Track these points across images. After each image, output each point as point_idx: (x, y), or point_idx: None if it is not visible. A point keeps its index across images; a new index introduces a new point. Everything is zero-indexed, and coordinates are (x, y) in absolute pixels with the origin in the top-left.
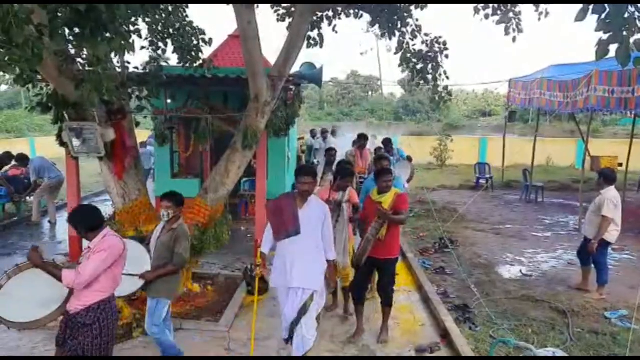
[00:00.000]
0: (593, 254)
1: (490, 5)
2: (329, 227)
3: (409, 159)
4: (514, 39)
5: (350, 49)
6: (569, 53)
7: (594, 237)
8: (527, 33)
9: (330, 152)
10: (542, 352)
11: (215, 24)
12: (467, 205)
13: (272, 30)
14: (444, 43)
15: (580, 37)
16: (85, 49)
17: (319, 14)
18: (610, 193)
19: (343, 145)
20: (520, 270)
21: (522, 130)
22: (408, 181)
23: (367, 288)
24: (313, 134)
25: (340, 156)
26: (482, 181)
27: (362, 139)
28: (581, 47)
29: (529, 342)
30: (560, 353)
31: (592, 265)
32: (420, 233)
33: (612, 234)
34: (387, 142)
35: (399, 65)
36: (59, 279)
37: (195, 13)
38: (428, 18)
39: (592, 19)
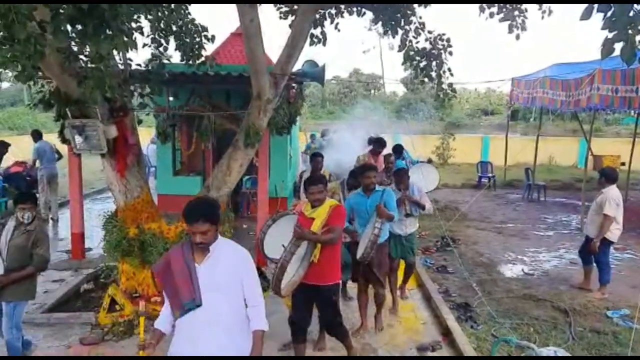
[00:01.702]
0: (595, 253)
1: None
2: (251, 283)
3: (430, 161)
4: (518, 37)
5: (353, 47)
6: (569, 53)
7: (595, 236)
8: (527, 33)
9: (316, 159)
10: (543, 351)
11: (218, 22)
12: (469, 204)
13: (274, 28)
14: (448, 40)
15: (581, 37)
16: (87, 46)
17: (322, 12)
18: (612, 192)
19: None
20: (522, 269)
21: (524, 129)
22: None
23: (309, 322)
24: (323, 133)
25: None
26: (484, 180)
27: (377, 144)
28: (581, 47)
29: (531, 341)
30: (561, 352)
31: (594, 265)
32: (422, 232)
33: (614, 232)
34: (399, 149)
35: (403, 64)
36: None
37: (197, 11)
38: (428, 18)
39: (594, 18)
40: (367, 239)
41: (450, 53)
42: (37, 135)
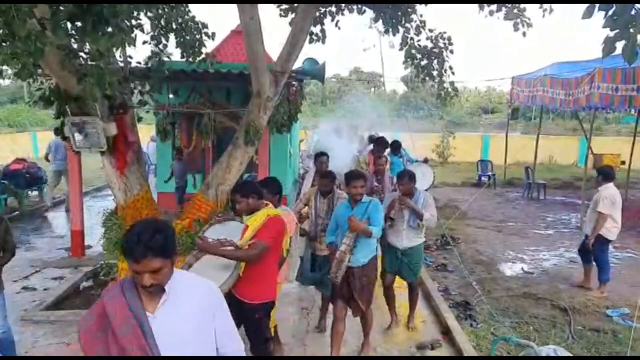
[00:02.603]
0: (594, 252)
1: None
2: (227, 329)
3: (426, 160)
4: (524, 34)
5: (353, 45)
6: (569, 53)
7: (590, 234)
8: (528, 34)
9: (321, 159)
10: (543, 350)
11: (218, 19)
12: (469, 203)
13: (275, 26)
14: (449, 39)
15: (581, 37)
16: (87, 44)
17: (322, 10)
18: (608, 190)
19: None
20: (522, 268)
21: (524, 128)
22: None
23: None
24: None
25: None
26: (485, 179)
27: (379, 145)
28: (581, 47)
29: (531, 339)
30: (561, 351)
31: (594, 263)
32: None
33: (612, 231)
34: (397, 146)
35: (404, 62)
36: None
37: (198, 8)
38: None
39: (596, 17)
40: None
41: (452, 52)
42: (57, 132)
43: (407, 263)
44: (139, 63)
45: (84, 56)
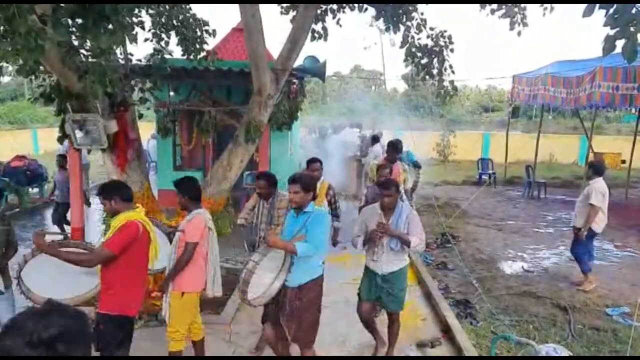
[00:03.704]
0: (581, 243)
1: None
2: None
3: (416, 165)
4: (519, 33)
5: (354, 43)
6: (569, 53)
7: (582, 226)
8: (528, 32)
9: (312, 166)
10: (543, 348)
11: (219, 16)
12: (469, 201)
13: (275, 24)
14: (449, 37)
15: (581, 36)
16: (88, 40)
17: (323, 7)
18: (598, 184)
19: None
20: (522, 266)
21: (525, 127)
22: (412, 191)
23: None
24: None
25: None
26: (485, 177)
27: (392, 149)
28: (581, 46)
29: (530, 338)
30: (561, 349)
31: (594, 261)
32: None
33: (600, 224)
34: (397, 146)
35: (404, 60)
36: None
37: (198, 5)
38: (429, 15)
39: (596, 15)
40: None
41: (452, 50)
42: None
43: (388, 290)
44: (140, 60)
45: (85, 53)
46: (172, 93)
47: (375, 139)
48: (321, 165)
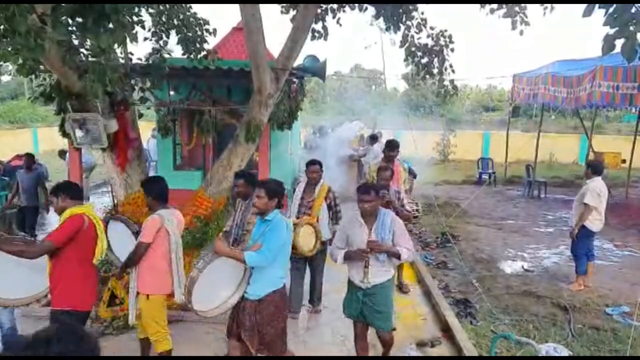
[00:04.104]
0: (574, 243)
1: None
2: None
3: (411, 172)
4: (521, 33)
5: (354, 43)
6: (569, 53)
7: (574, 224)
8: (527, 33)
9: (312, 168)
10: (543, 348)
11: (219, 15)
12: (469, 201)
13: (275, 25)
14: (450, 37)
15: (581, 35)
16: (88, 40)
17: (323, 7)
18: (595, 183)
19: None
20: (522, 266)
21: (525, 126)
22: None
23: None
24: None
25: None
26: (485, 176)
27: (390, 148)
28: (581, 46)
29: (530, 337)
30: (561, 348)
31: (595, 261)
32: (422, 228)
33: (595, 223)
34: (390, 144)
35: (405, 60)
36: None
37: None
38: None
39: (595, 15)
40: None
41: (452, 50)
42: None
43: (371, 306)
44: (140, 59)
45: (85, 52)
46: (172, 92)
47: (374, 139)
48: (321, 168)
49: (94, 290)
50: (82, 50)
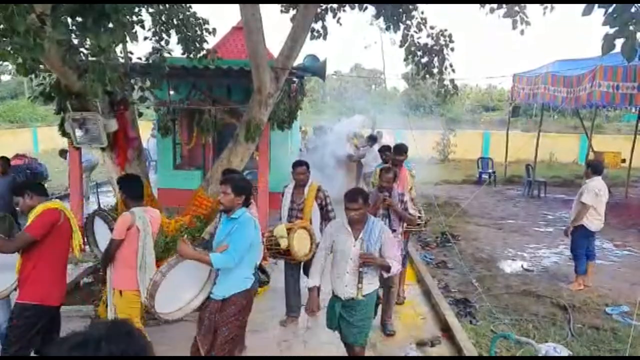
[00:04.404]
0: (573, 241)
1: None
2: None
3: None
4: (522, 32)
5: (354, 42)
6: (569, 52)
7: (570, 222)
8: (527, 33)
9: (297, 169)
10: (542, 347)
11: (219, 15)
12: (469, 200)
13: (275, 25)
14: (449, 36)
15: (581, 34)
16: (88, 39)
17: (323, 6)
18: (594, 183)
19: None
20: (522, 265)
21: (525, 126)
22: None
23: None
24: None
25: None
26: (485, 176)
27: (397, 153)
28: (581, 45)
29: (530, 337)
30: (560, 348)
31: (595, 260)
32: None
33: (594, 222)
34: (398, 149)
35: (405, 59)
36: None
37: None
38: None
39: (594, 14)
40: None
41: (452, 49)
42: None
43: (347, 319)
44: (140, 59)
45: (85, 52)
46: (172, 92)
47: (373, 139)
48: (308, 169)
49: (63, 286)
50: (82, 49)
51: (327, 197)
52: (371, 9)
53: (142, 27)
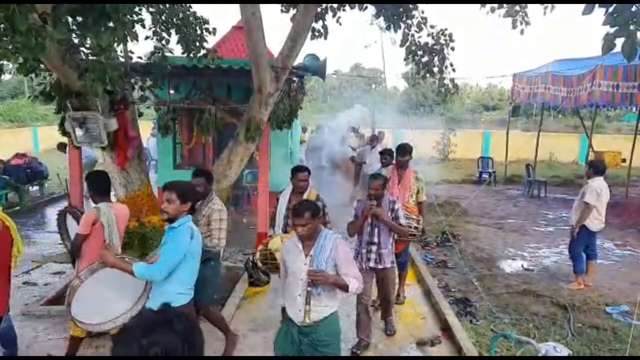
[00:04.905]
0: (573, 241)
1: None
2: None
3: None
4: (522, 32)
5: (354, 42)
6: (569, 52)
7: (574, 223)
8: (528, 32)
9: (298, 176)
10: (542, 347)
11: (219, 15)
12: (469, 200)
13: (275, 25)
14: (450, 35)
15: (580, 36)
16: (88, 38)
17: (323, 6)
18: (596, 183)
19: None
20: (522, 265)
21: (525, 125)
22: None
23: None
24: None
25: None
26: (485, 175)
27: (401, 153)
28: (581, 45)
29: (530, 336)
30: (560, 347)
31: (596, 260)
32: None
33: (594, 222)
34: (402, 149)
35: (405, 59)
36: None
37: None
38: (430, 13)
39: (594, 14)
40: None
41: (452, 48)
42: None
43: (309, 345)
44: (140, 58)
45: (85, 51)
46: (172, 91)
47: (375, 140)
48: (309, 175)
49: (7, 294)
50: (83, 49)
51: (324, 207)
52: (371, 9)
53: (143, 26)
